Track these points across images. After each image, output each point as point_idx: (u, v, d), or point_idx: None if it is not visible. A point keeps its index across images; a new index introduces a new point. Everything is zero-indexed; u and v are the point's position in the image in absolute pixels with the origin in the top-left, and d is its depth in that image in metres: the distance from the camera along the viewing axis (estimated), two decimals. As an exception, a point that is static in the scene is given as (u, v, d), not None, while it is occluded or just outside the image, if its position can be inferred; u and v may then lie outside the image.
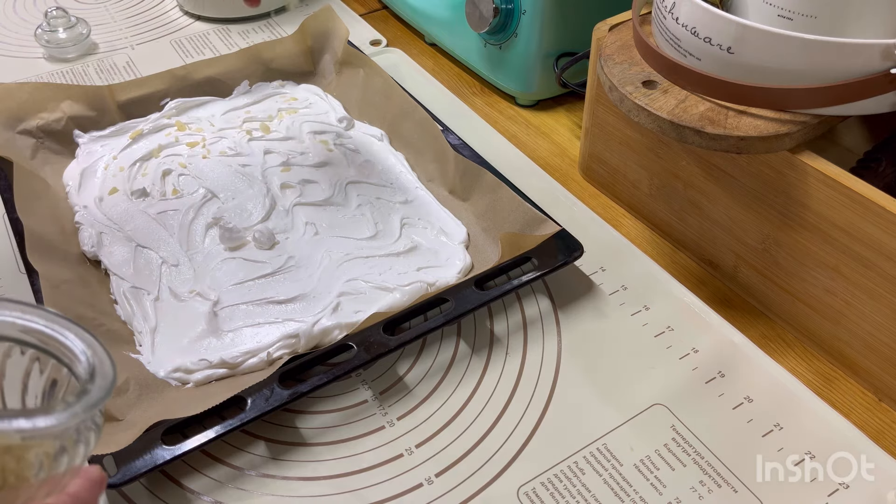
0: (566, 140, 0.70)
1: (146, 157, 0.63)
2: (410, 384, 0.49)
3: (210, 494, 0.44)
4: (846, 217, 0.45)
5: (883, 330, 0.46)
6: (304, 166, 0.63)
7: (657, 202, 0.59)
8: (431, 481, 0.44)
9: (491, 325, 0.53)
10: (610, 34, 0.55)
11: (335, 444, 0.46)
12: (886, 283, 0.45)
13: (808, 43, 0.44)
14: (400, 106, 0.66)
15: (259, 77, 0.72)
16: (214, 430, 0.43)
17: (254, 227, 0.57)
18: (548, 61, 0.70)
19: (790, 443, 0.46)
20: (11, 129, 0.63)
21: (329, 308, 0.51)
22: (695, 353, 0.51)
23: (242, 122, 0.67)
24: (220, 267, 0.54)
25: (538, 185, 0.63)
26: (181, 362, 0.48)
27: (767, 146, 0.46)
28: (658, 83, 0.49)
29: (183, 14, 0.88)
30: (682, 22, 0.48)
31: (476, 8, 0.69)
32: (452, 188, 0.61)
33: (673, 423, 0.47)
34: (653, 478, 0.44)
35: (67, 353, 0.28)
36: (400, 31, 0.86)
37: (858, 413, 0.48)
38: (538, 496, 0.43)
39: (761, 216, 0.51)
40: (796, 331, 0.52)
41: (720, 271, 0.56)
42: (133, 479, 0.40)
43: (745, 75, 0.46)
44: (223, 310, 0.51)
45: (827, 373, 0.50)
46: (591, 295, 0.55)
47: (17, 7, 0.90)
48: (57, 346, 0.28)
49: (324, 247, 0.56)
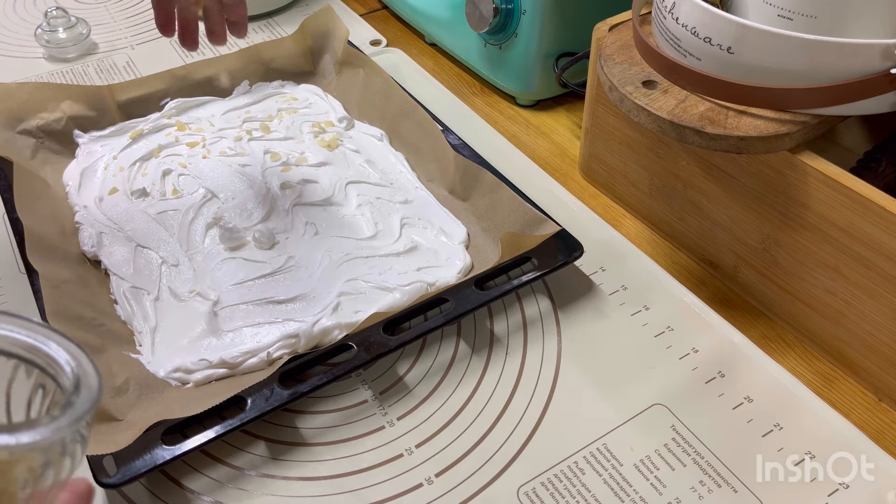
0: (566, 140, 0.70)
1: (146, 157, 0.63)
2: (410, 384, 0.49)
3: (210, 494, 0.44)
4: (846, 217, 0.45)
5: (883, 330, 0.46)
6: (304, 166, 0.63)
7: (657, 202, 0.59)
8: (431, 481, 0.44)
9: (491, 325, 0.53)
10: (610, 34, 0.55)
11: (335, 444, 0.46)
12: (886, 283, 0.45)
13: (808, 43, 0.44)
14: (400, 106, 0.66)
15: (259, 77, 0.72)
16: (214, 430, 0.43)
17: (254, 227, 0.57)
18: (548, 61, 0.70)
19: (790, 443, 0.46)
20: (11, 129, 0.63)
21: (329, 308, 0.51)
22: (695, 353, 0.51)
23: (242, 122, 0.67)
24: (220, 267, 0.54)
25: (538, 185, 0.63)
26: (181, 362, 0.48)
27: (767, 146, 0.46)
28: (658, 83, 0.49)
29: (183, 14, 0.88)
30: (682, 22, 0.48)
31: (476, 8, 0.69)
32: (452, 188, 0.61)
33: (673, 423, 0.47)
34: (653, 478, 0.44)
35: (52, 364, 0.28)
36: (400, 31, 0.86)
37: (858, 413, 0.48)
38: (538, 496, 0.43)
39: (761, 216, 0.51)
40: (796, 331, 0.52)
41: (720, 271, 0.56)
42: (133, 479, 0.40)
43: (745, 75, 0.46)
44: (223, 310, 0.51)
45: (827, 373, 0.50)
46: (591, 295, 0.55)
47: (17, 7, 0.90)
48: (41, 357, 0.27)
49: (324, 247, 0.56)
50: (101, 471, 0.41)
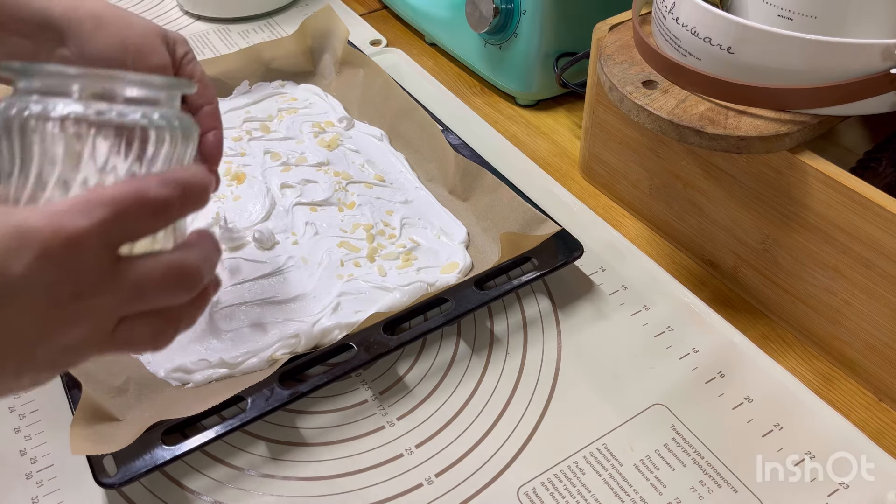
0: (566, 140, 0.70)
1: (146, 157, 0.63)
2: (410, 384, 0.49)
3: (210, 494, 0.44)
4: (846, 217, 0.45)
5: (883, 330, 0.46)
6: (304, 166, 0.63)
7: (657, 202, 0.59)
8: (431, 481, 0.44)
9: (491, 325, 0.53)
10: (610, 34, 0.55)
11: (335, 444, 0.46)
12: (886, 283, 0.45)
13: (808, 43, 0.44)
14: (400, 106, 0.66)
15: (259, 77, 0.72)
16: (214, 430, 0.43)
17: (254, 227, 0.57)
18: (548, 61, 0.70)
19: (790, 443, 0.46)
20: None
21: (329, 308, 0.51)
22: (695, 353, 0.51)
23: (242, 122, 0.67)
24: (219, 267, 0.54)
25: (538, 185, 0.63)
26: (181, 362, 0.48)
27: (767, 146, 0.46)
28: (658, 83, 0.49)
29: (183, 14, 0.88)
30: (682, 22, 0.48)
31: (476, 8, 0.69)
32: (452, 188, 0.61)
33: (673, 423, 0.47)
34: (653, 478, 0.44)
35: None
36: (400, 31, 0.86)
37: (858, 413, 0.48)
38: (538, 496, 0.43)
39: (761, 216, 0.51)
40: (796, 331, 0.52)
41: (720, 271, 0.56)
42: (133, 479, 0.41)
43: (745, 75, 0.46)
44: (223, 310, 0.51)
45: (827, 373, 0.50)
46: (591, 295, 0.55)
47: (17, 7, 0.90)
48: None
49: (324, 247, 0.56)
50: (101, 471, 0.41)
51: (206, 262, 0.29)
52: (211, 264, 0.30)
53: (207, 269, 0.29)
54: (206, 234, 0.30)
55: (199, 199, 0.29)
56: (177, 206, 0.28)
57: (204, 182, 0.29)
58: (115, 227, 0.26)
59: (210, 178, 0.29)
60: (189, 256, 0.28)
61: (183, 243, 0.29)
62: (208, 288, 0.30)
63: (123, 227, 0.26)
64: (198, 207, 0.29)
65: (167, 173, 0.28)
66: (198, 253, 0.29)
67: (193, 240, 0.30)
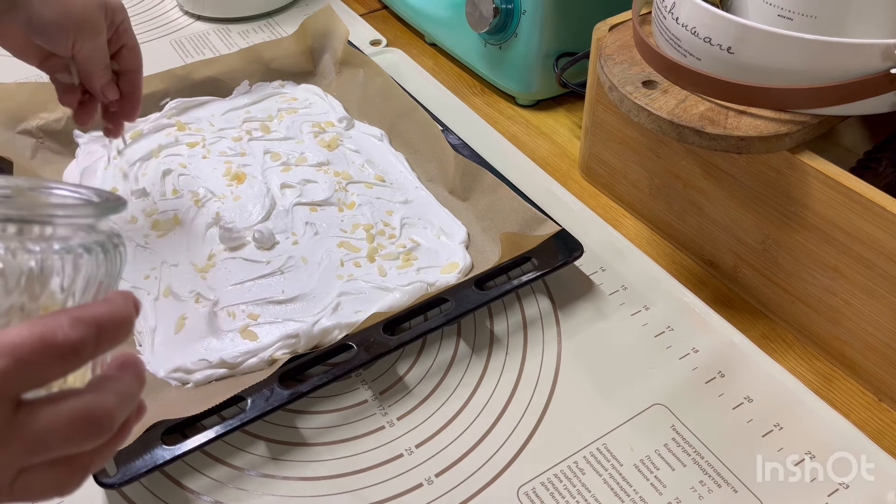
0: (566, 140, 0.70)
1: (146, 157, 0.63)
2: (410, 384, 0.49)
3: (210, 494, 0.44)
4: (846, 217, 0.45)
5: (883, 330, 0.46)
6: (304, 166, 0.63)
7: (657, 202, 0.59)
8: (431, 481, 0.44)
9: (491, 325, 0.53)
10: (610, 34, 0.55)
11: (335, 444, 0.46)
12: (886, 283, 0.45)
13: (808, 43, 0.44)
14: (400, 106, 0.66)
15: (259, 77, 0.72)
16: (214, 430, 0.43)
17: (254, 227, 0.57)
18: (548, 61, 0.70)
19: (790, 443, 0.46)
20: (11, 129, 0.63)
21: (329, 308, 0.51)
22: (695, 353, 0.51)
23: (242, 122, 0.67)
24: (219, 267, 0.54)
25: (538, 185, 0.63)
26: (181, 362, 0.48)
27: (767, 146, 0.46)
28: (658, 83, 0.49)
29: (183, 14, 0.88)
30: (682, 22, 0.48)
31: (476, 8, 0.69)
32: (452, 188, 0.61)
33: (673, 423, 0.47)
34: (653, 478, 0.44)
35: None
36: (400, 31, 0.86)
37: (858, 413, 0.48)
38: (538, 496, 0.43)
39: (761, 216, 0.51)
40: (796, 331, 0.52)
41: (720, 271, 0.56)
42: (133, 479, 0.41)
43: (745, 75, 0.46)
44: (223, 310, 0.51)
45: (827, 373, 0.50)
46: (591, 295, 0.55)
47: (17, 7, 0.90)
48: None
49: (324, 247, 0.56)
50: (101, 471, 0.41)
51: (123, 402, 0.26)
52: (129, 401, 0.27)
53: (124, 409, 0.27)
54: (131, 362, 0.27)
55: (117, 336, 0.26)
56: (91, 347, 0.25)
57: (124, 318, 0.26)
58: (15, 378, 0.23)
59: (131, 311, 0.26)
60: (101, 399, 0.25)
61: (99, 379, 0.27)
62: (128, 421, 0.28)
63: (24, 378, 0.24)
64: (117, 344, 0.26)
65: (82, 310, 0.25)
66: (113, 391, 0.26)
67: (113, 371, 0.27)
